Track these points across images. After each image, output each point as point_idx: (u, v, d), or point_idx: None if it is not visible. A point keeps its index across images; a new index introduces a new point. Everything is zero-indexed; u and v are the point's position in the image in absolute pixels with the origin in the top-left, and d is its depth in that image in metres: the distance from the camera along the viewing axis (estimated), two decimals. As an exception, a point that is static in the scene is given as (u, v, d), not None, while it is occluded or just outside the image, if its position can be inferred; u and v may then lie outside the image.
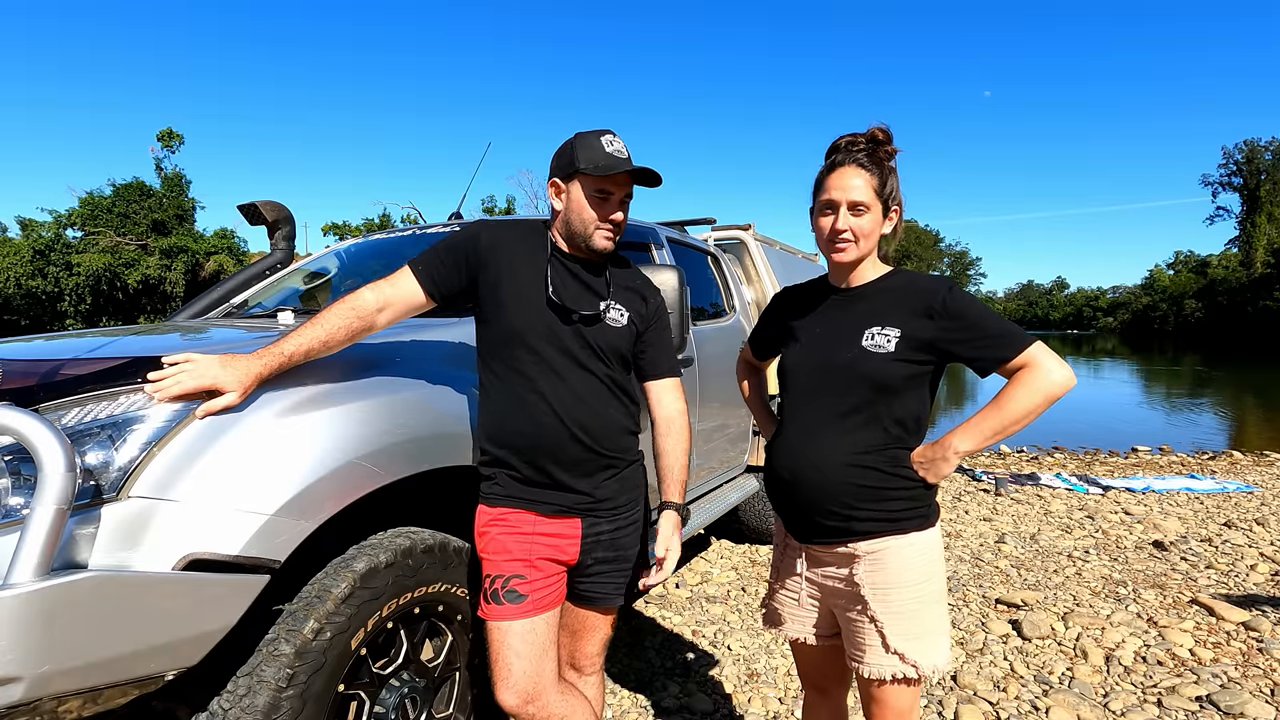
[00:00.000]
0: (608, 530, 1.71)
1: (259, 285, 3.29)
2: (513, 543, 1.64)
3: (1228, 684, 2.79)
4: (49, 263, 25.88)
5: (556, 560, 1.67)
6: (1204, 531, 5.04)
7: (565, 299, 1.65)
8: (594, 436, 1.64)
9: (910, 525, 1.52)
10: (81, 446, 1.30)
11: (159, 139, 28.03)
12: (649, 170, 1.64)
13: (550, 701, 1.62)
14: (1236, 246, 65.46)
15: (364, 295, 1.63)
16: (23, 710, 1.18)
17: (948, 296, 1.48)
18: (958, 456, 1.50)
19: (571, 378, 1.64)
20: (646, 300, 1.79)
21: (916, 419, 1.55)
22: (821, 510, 1.54)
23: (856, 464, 1.51)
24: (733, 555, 4.52)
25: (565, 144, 1.68)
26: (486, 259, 1.67)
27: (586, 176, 1.62)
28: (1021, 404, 1.44)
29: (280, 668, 1.43)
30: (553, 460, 1.63)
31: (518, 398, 1.64)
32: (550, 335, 1.63)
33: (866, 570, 1.52)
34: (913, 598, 1.51)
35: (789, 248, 5.74)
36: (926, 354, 1.50)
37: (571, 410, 1.63)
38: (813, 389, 1.58)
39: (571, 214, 1.66)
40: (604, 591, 1.74)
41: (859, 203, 1.50)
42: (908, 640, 1.50)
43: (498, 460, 1.67)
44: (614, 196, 1.65)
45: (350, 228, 28.13)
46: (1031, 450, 9.31)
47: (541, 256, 1.69)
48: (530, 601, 1.61)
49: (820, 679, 1.77)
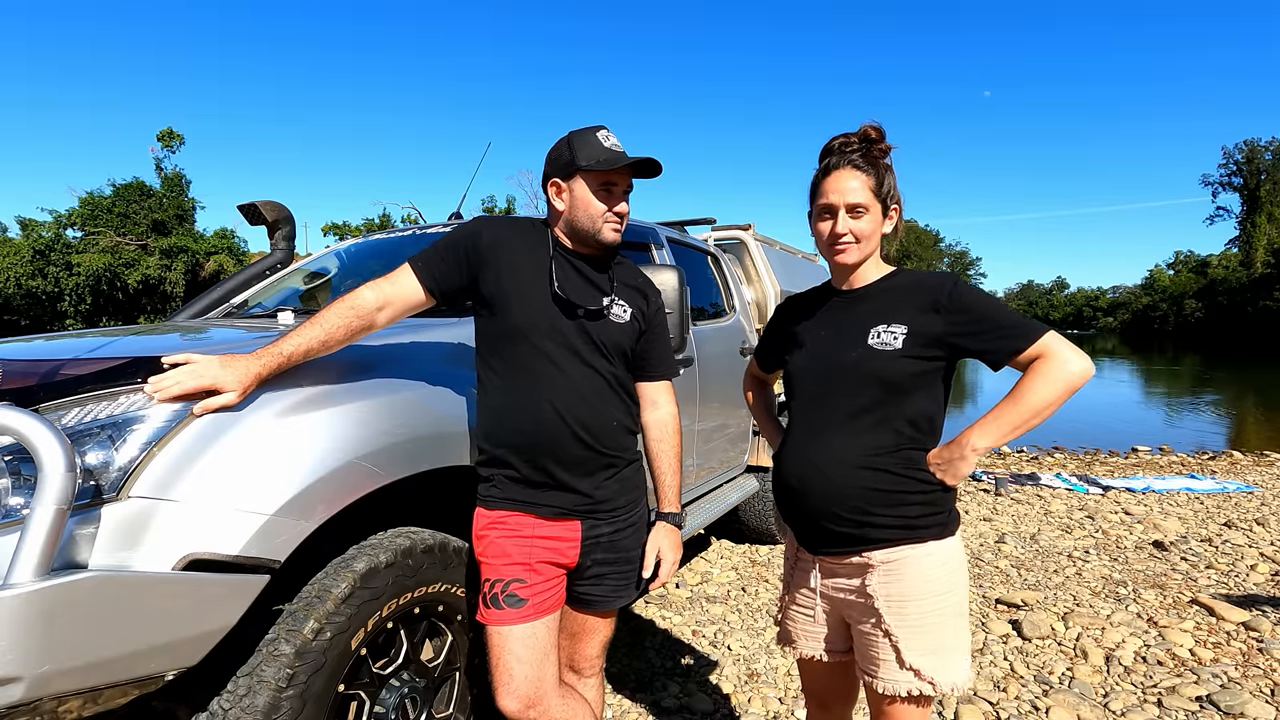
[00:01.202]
0: (607, 532, 1.70)
1: (259, 285, 3.29)
2: (512, 546, 1.63)
3: (1228, 684, 2.79)
4: (49, 263, 25.88)
5: (556, 564, 1.66)
6: (1204, 531, 5.04)
7: (569, 294, 1.65)
8: (595, 435, 1.64)
9: (928, 533, 1.45)
10: (81, 446, 1.30)
11: (159, 139, 28.05)
12: (651, 160, 1.64)
13: (552, 706, 1.62)
14: (1236, 246, 65.46)
15: (363, 294, 1.63)
16: (23, 710, 1.18)
17: (954, 290, 1.45)
18: (976, 454, 1.43)
19: (574, 374, 1.63)
20: (648, 299, 1.80)
21: (930, 419, 1.49)
22: (832, 516, 1.48)
23: (868, 466, 1.45)
24: (733, 555, 4.52)
25: (560, 143, 1.68)
26: (487, 257, 1.67)
27: (590, 172, 1.62)
28: (1040, 395, 1.37)
29: (280, 668, 1.43)
30: (553, 459, 1.62)
31: (518, 395, 1.63)
32: (553, 330, 1.63)
33: (881, 581, 1.45)
34: (931, 610, 1.44)
35: (789, 248, 5.74)
36: (935, 349, 1.45)
37: (573, 407, 1.62)
38: (820, 391, 1.54)
39: (578, 211, 1.66)
40: (603, 595, 1.74)
41: (857, 205, 1.47)
42: (924, 656, 1.43)
43: (496, 460, 1.66)
44: (618, 189, 1.66)
45: (350, 228, 28.16)
46: (1031, 450, 9.30)
47: (543, 253, 1.69)
48: (531, 606, 1.61)
49: (825, 695, 1.71)
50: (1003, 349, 1.42)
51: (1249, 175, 62.91)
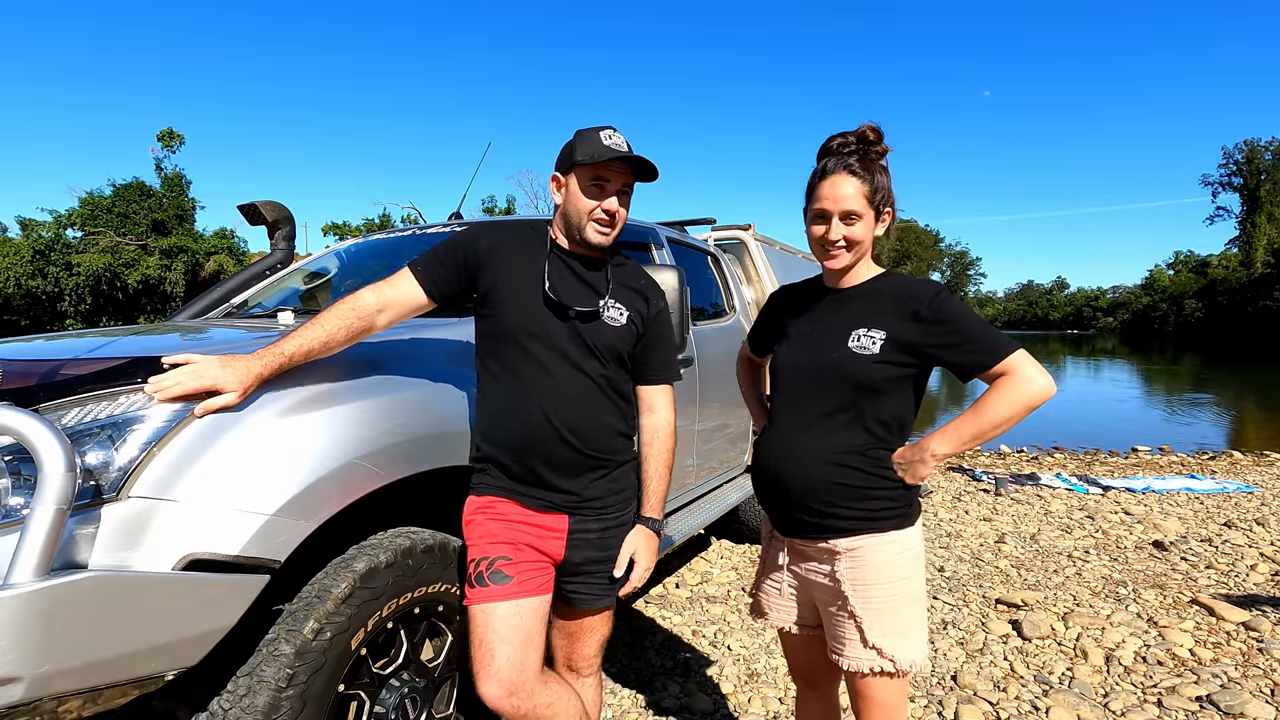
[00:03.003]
0: (596, 529, 1.70)
1: (259, 285, 3.29)
2: (498, 528, 1.64)
3: (1228, 684, 2.79)
4: (49, 263, 25.86)
5: (541, 550, 1.66)
6: (1204, 531, 5.04)
7: (562, 295, 1.65)
8: (582, 438, 1.64)
9: (890, 524, 1.55)
10: (81, 446, 1.30)
11: (159, 139, 28.02)
12: (643, 160, 1.63)
13: (534, 692, 1.59)
14: (1236, 246, 65.47)
15: (364, 296, 1.64)
16: (23, 710, 1.18)
17: (934, 300, 1.50)
18: (935, 460, 1.52)
19: (562, 376, 1.63)
20: (649, 301, 1.78)
21: (900, 420, 1.57)
22: (803, 506, 1.57)
23: (838, 463, 1.54)
24: (733, 555, 4.52)
25: (569, 141, 1.69)
26: (484, 262, 1.68)
27: (582, 166, 1.63)
28: (1000, 411, 1.45)
29: (280, 668, 1.43)
30: (541, 460, 1.63)
31: (511, 398, 1.65)
32: (544, 333, 1.63)
33: (847, 566, 1.55)
34: (892, 594, 1.53)
35: (789, 248, 5.73)
36: (910, 357, 1.52)
37: (561, 411, 1.62)
38: (800, 388, 1.61)
39: (569, 206, 1.67)
40: (592, 593, 1.73)
41: (851, 212, 1.51)
42: (885, 636, 1.53)
43: (489, 457, 1.68)
44: (609, 186, 1.64)
45: (350, 228, 28.12)
46: (1031, 450, 9.30)
47: (540, 254, 1.70)
48: (516, 583, 1.60)
49: (809, 671, 1.80)
50: (971, 363, 1.49)
51: (1249, 175, 62.94)
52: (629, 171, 1.66)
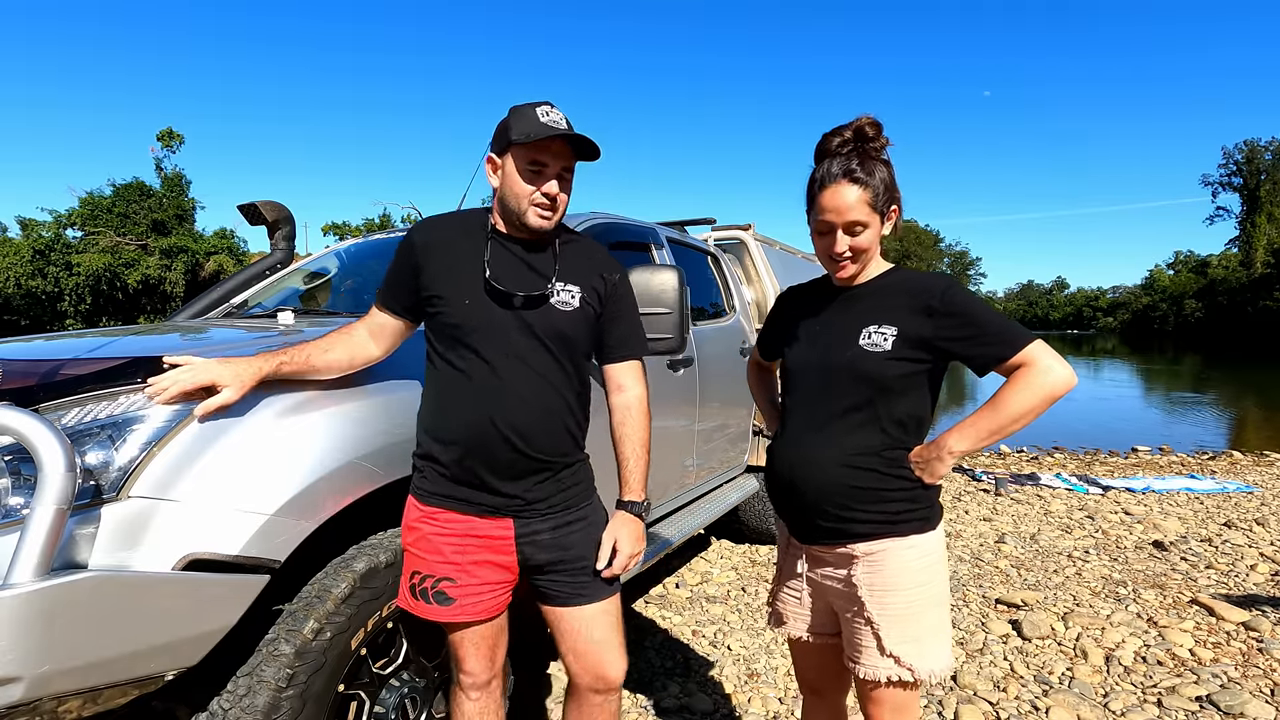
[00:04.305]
0: (545, 529, 1.60)
1: (259, 285, 3.29)
2: (446, 545, 1.56)
3: (1228, 684, 2.79)
4: (49, 263, 25.85)
5: (496, 564, 1.59)
6: (1204, 531, 5.04)
7: (504, 282, 1.55)
8: (527, 440, 1.53)
9: (909, 527, 1.49)
10: (81, 446, 1.30)
11: (159, 139, 28.02)
12: (584, 139, 1.52)
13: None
14: (1236, 246, 65.47)
15: (358, 329, 1.66)
16: (23, 710, 1.18)
17: (946, 293, 1.45)
18: (953, 457, 1.46)
19: (508, 374, 1.53)
20: (604, 277, 1.66)
21: (917, 419, 1.52)
22: (819, 511, 1.52)
23: (853, 465, 1.49)
24: (733, 555, 4.52)
25: (503, 119, 1.56)
26: (422, 261, 1.61)
27: (519, 147, 1.50)
28: (1019, 404, 1.39)
29: (280, 668, 1.43)
30: (482, 463, 1.54)
31: (450, 396, 1.56)
32: (487, 325, 1.54)
33: (864, 572, 1.50)
34: (911, 600, 1.48)
35: (789, 248, 5.73)
36: (924, 352, 1.47)
37: (506, 412, 1.52)
38: (813, 389, 1.56)
39: (505, 190, 1.55)
40: (562, 591, 1.63)
41: (855, 222, 1.46)
42: (904, 644, 1.48)
43: (429, 455, 1.59)
44: (549, 169, 1.52)
45: (350, 228, 28.11)
46: (1031, 450, 9.30)
47: (481, 242, 1.60)
48: (458, 606, 1.55)
49: (817, 680, 1.75)
50: (988, 355, 1.43)
51: (1249, 175, 62.93)
52: (569, 151, 1.54)
